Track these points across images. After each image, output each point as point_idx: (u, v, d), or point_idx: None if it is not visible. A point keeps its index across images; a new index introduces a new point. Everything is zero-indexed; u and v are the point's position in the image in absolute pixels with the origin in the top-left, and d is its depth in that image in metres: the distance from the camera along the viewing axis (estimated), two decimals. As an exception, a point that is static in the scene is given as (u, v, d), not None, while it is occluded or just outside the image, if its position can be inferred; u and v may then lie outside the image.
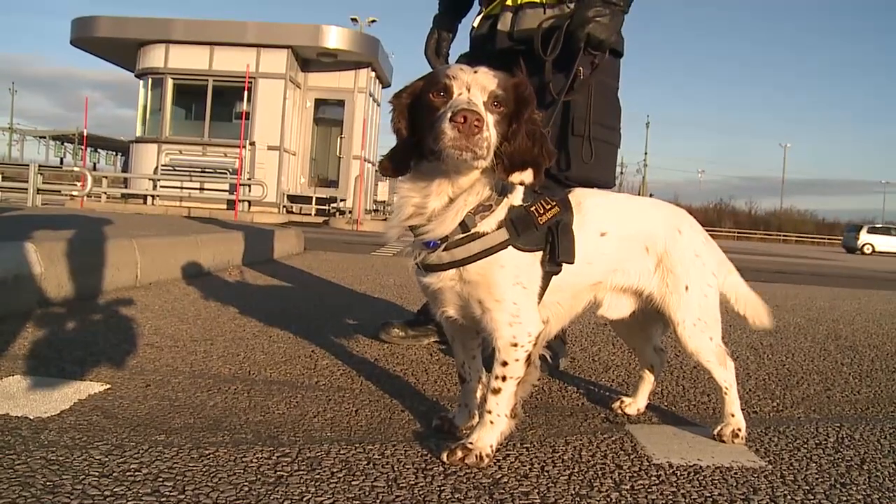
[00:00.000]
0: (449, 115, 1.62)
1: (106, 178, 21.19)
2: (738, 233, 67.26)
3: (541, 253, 1.89)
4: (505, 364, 1.86)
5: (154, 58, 21.22)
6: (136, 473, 1.66)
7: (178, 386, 2.44)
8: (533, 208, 1.88)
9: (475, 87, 1.71)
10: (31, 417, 2.01)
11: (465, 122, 1.60)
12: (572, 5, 2.94)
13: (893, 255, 36.43)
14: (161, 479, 1.63)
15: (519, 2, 3.04)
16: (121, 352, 2.86)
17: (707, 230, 2.31)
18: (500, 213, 1.84)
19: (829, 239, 68.17)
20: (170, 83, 21.10)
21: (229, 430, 2.02)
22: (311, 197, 22.23)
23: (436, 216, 1.81)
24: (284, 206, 21.54)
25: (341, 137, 22.22)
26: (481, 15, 3.25)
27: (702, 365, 2.18)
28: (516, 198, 1.88)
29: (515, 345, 1.85)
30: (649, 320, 2.33)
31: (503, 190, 1.85)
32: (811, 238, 67.99)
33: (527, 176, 1.79)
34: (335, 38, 20.95)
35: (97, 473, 1.64)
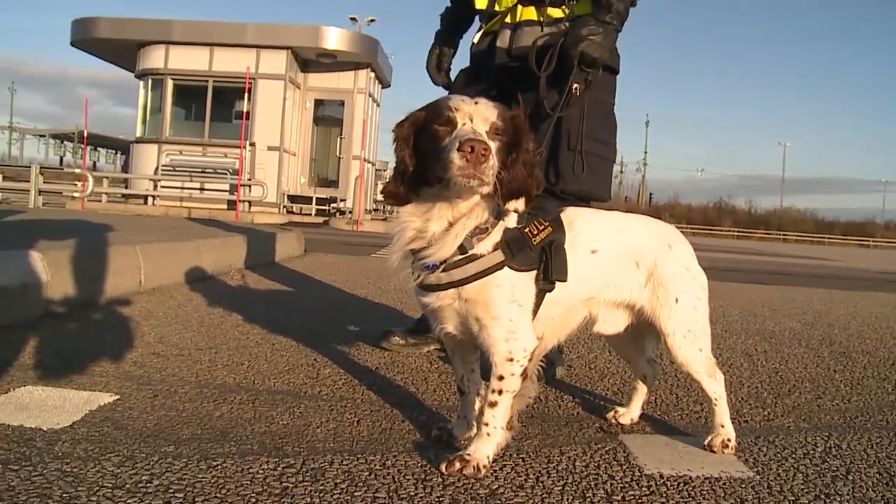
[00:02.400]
0: (457, 144, 1.70)
1: (107, 178, 21.26)
2: (738, 232, 67.25)
3: (535, 272, 1.97)
4: (501, 378, 1.94)
5: (154, 59, 21.28)
6: (148, 485, 1.72)
7: (184, 396, 2.51)
8: (527, 230, 1.96)
9: (477, 117, 1.80)
10: (45, 429, 2.07)
11: (473, 152, 1.68)
12: (568, 24, 3.02)
13: None
14: (172, 491, 1.70)
15: (518, 20, 3.12)
16: (127, 361, 2.93)
17: (706, 229, 2.42)
18: (496, 235, 1.92)
19: (828, 238, 68.28)
20: (170, 84, 21.17)
21: (236, 441, 2.09)
22: (312, 197, 22.30)
23: (436, 240, 1.89)
24: (285, 207, 21.62)
25: (341, 138, 22.29)
26: (481, 31, 3.34)
27: (692, 376, 2.24)
28: (510, 220, 1.96)
29: (511, 359, 1.92)
30: (642, 333, 2.40)
31: (498, 214, 1.92)
32: (811, 237, 68.07)
33: (520, 204, 1.91)
34: (334, 38, 21.02)
35: (111, 485, 1.71)
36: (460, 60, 3.57)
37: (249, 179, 19.58)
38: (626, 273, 2.17)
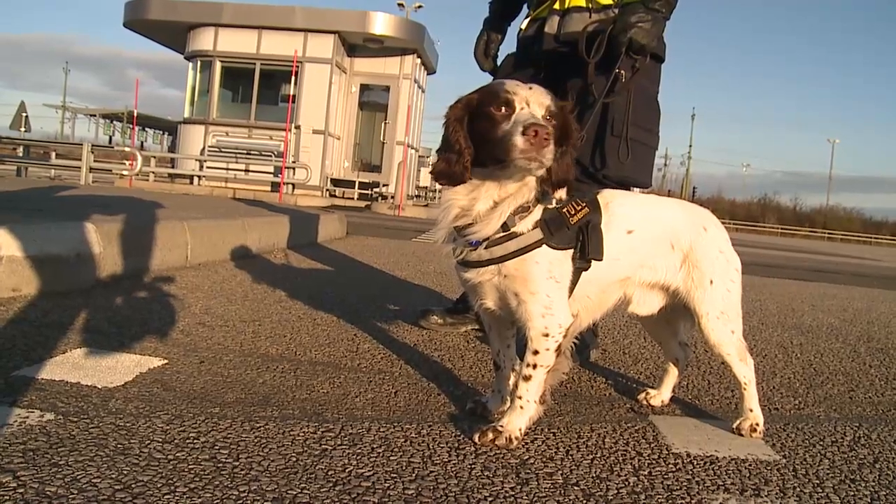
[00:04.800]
0: (520, 128, 1.76)
1: (154, 157, 21.62)
2: (783, 229, 66.21)
3: (572, 250, 2.03)
4: (536, 353, 2.00)
5: (203, 41, 21.54)
6: (195, 441, 1.82)
7: (229, 363, 2.61)
8: (565, 210, 2.02)
9: (534, 102, 1.86)
10: (100, 387, 2.19)
11: (537, 136, 1.75)
12: (617, 10, 3.05)
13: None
14: (217, 448, 1.79)
15: (566, 6, 3.16)
16: (175, 329, 3.05)
17: (750, 226, 2.44)
18: (536, 214, 1.99)
19: (875, 238, 66.89)
20: (218, 66, 21.42)
21: (278, 406, 2.18)
22: (355, 181, 22.45)
23: (481, 218, 1.97)
24: (328, 190, 21.79)
25: (385, 123, 22.39)
26: (529, 18, 3.38)
27: (722, 358, 2.29)
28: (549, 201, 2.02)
29: (547, 335, 1.99)
30: (675, 315, 2.45)
31: (543, 196, 1.99)
32: (858, 237, 66.78)
33: (564, 193, 2.01)
34: (382, 24, 21.09)
35: (160, 440, 1.81)
36: (507, 47, 3.63)
37: (294, 162, 19.78)
38: (661, 254, 2.22)
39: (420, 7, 33.56)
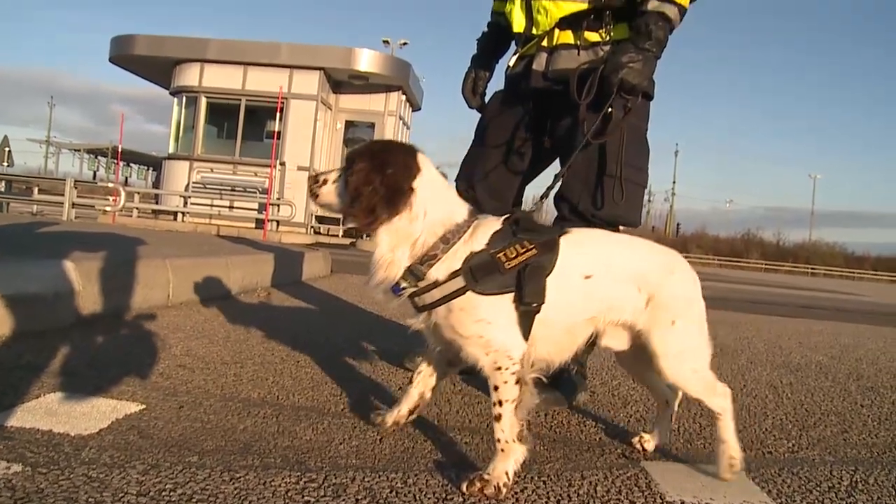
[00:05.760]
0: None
1: (138, 193, 21.54)
2: (766, 264, 66.54)
3: (510, 293, 2.01)
4: (496, 388, 1.99)
5: (189, 76, 21.61)
6: (172, 493, 1.75)
7: (209, 408, 2.54)
8: (501, 254, 2.01)
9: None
10: (73, 434, 2.11)
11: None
12: (606, 48, 3.03)
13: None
14: (195, 500, 1.72)
15: (554, 43, 3.14)
16: (154, 372, 2.97)
17: (734, 261, 2.40)
18: (453, 261, 2.02)
19: (858, 273, 67.38)
20: (203, 101, 21.47)
21: (259, 454, 2.10)
22: (339, 218, 22.37)
23: (379, 265, 2.06)
24: (312, 227, 21.75)
25: (370, 159, 22.38)
26: (517, 55, 3.36)
27: (690, 397, 2.23)
28: (478, 242, 2.04)
29: (499, 368, 1.98)
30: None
31: (448, 239, 2.03)
32: (841, 272, 67.24)
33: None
34: (367, 60, 21.23)
35: (135, 492, 1.73)
36: (495, 84, 3.61)
37: (278, 199, 19.74)
38: (628, 296, 2.16)
39: (405, 44, 33.86)
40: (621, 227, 3.12)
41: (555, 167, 3.33)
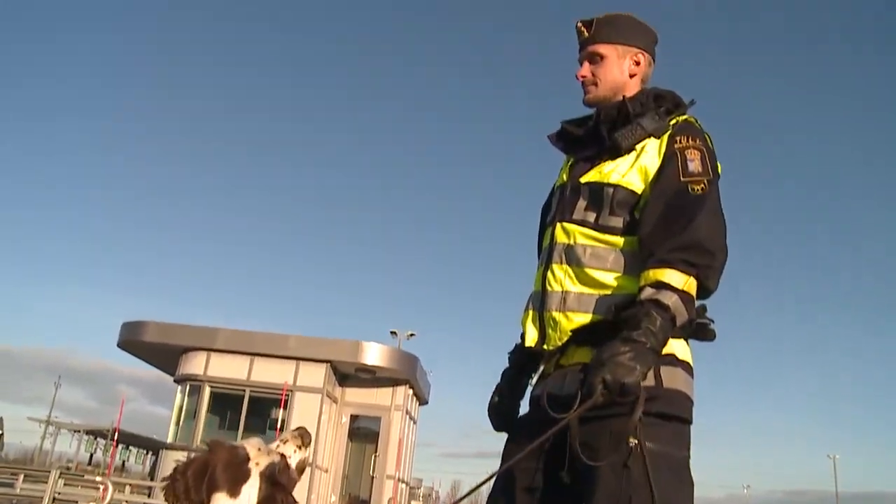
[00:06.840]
0: None
1: (129, 485, 20.46)
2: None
3: None
4: None
5: (194, 365, 21.37)
6: None
7: None
8: None
9: None
10: None
11: None
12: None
13: None
14: None
15: (570, 361, 2.66)
16: None
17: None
18: None
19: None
20: (207, 391, 21.04)
21: None
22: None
23: None
24: (310, 524, 20.44)
25: (375, 455, 21.57)
26: (538, 374, 2.90)
27: None
28: None
29: None
30: None
31: None
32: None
33: None
34: (374, 354, 21.07)
35: None
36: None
37: (275, 495, 18.67)
38: None
39: (413, 335, 34.06)
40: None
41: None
